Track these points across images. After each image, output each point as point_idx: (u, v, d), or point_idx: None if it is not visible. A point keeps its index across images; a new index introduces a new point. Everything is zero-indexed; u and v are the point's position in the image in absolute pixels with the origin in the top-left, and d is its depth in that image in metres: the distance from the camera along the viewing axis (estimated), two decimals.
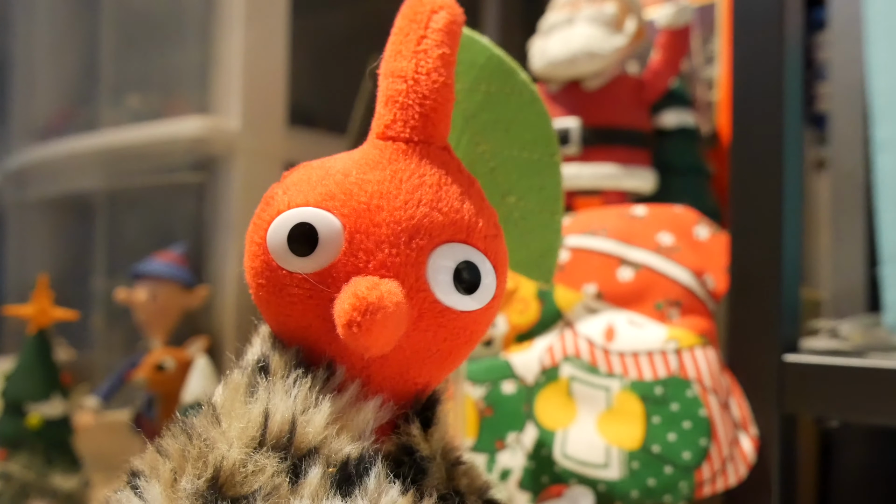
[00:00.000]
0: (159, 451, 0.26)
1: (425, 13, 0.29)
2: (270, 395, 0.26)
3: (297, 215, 0.26)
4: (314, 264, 0.26)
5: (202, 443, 0.25)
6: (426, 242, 0.27)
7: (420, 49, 0.28)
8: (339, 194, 0.27)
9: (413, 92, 0.28)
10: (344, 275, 0.26)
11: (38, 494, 0.65)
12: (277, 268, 0.27)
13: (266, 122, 0.91)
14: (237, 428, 0.25)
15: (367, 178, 0.27)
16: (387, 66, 0.29)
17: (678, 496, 0.47)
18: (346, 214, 0.26)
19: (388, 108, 0.28)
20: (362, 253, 0.26)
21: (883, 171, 0.52)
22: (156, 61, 1.02)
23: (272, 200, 0.28)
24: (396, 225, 0.26)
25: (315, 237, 0.26)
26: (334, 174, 0.27)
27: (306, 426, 0.25)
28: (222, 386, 0.27)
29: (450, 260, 0.27)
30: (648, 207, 0.56)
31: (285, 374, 0.27)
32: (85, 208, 1.09)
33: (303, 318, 0.27)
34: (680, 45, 0.63)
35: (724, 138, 0.70)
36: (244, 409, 0.26)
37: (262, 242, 0.27)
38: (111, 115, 1.05)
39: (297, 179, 0.28)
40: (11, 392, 0.67)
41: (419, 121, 0.28)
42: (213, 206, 0.90)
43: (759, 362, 0.49)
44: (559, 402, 0.51)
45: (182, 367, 0.76)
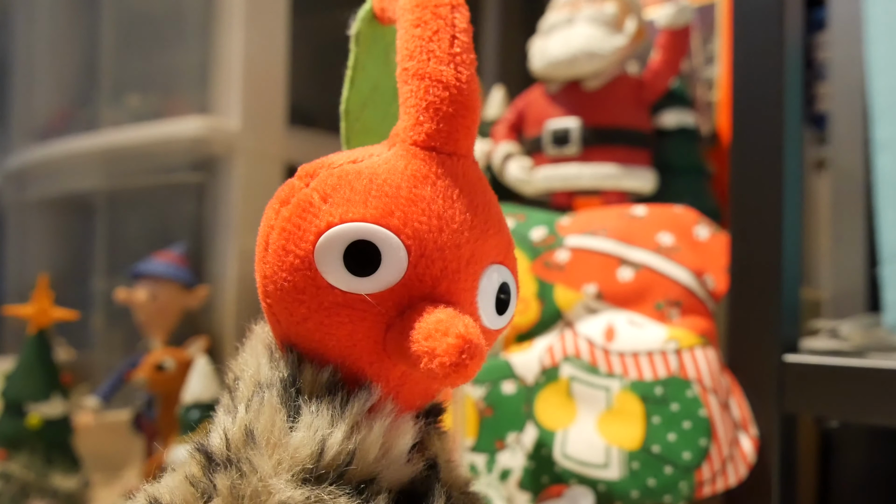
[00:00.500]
0: (194, 483, 0.24)
1: (447, 8, 0.27)
2: (316, 419, 0.24)
3: (355, 231, 0.25)
4: (374, 286, 0.25)
5: (256, 479, 0.23)
6: (479, 267, 0.26)
7: (455, 52, 0.26)
8: (396, 211, 0.25)
9: (457, 102, 0.26)
10: (407, 299, 0.25)
11: (38, 494, 0.65)
12: (327, 286, 0.25)
13: (266, 122, 0.91)
14: (286, 458, 0.24)
15: (421, 194, 0.25)
16: (419, 66, 0.26)
17: (678, 496, 0.47)
18: (409, 235, 0.25)
19: (431, 116, 0.26)
20: (428, 278, 0.25)
21: (883, 171, 0.52)
22: (156, 61, 1.02)
23: (311, 209, 0.25)
24: (457, 249, 0.25)
25: (376, 256, 0.24)
26: (381, 185, 0.25)
27: (365, 455, 0.24)
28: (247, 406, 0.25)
29: (494, 283, 0.27)
30: (648, 207, 0.56)
31: (322, 394, 0.25)
32: (85, 208, 1.09)
33: (348, 338, 0.25)
34: (680, 45, 0.63)
35: (724, 138, 0.70)
36: (289, 437, 0.24)
37: (307, 257, 0.25)
38: (111, 115, 1.05)
39: (335, 185, 0.26)
40: (11, 392, 0.67)
41: (462, 133, 0.27)
42: (213, 206, 0.90)
43: (759, 362, 0.49)
44: (559, 402, 0.51)
45: (182, 367, 0.76)
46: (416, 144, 0.26)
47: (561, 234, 0.56)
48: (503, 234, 0.28)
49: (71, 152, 1.05)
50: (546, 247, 0.56)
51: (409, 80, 0.27)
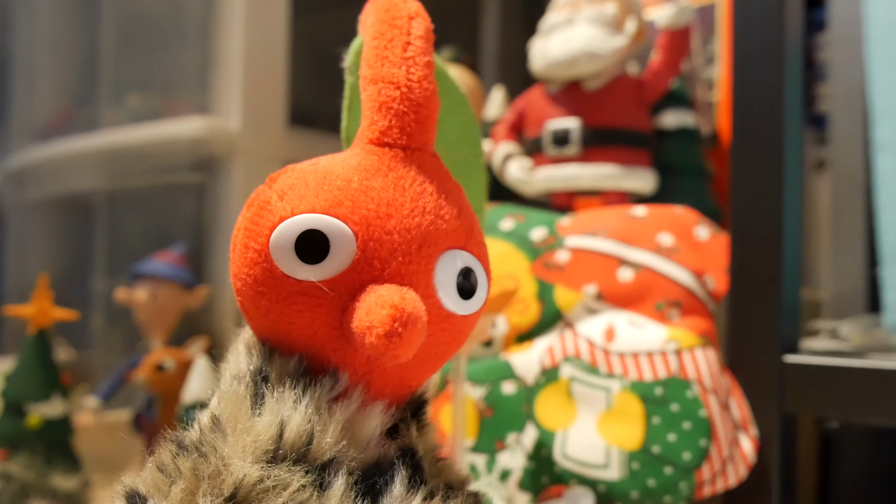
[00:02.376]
0: (162, 469, 0.25)
1: (404, 19, 0.29)
2: (279, 404, 0.25)
3: (304, 222, 0.26)
4: (324, 272, 0.26)
5: (217, 459, 0.24)
6: (433, 250, 0.27)
7: (408, 56, 0.28)
8: (346, 201, 0.26)
9: (407, 99, 0.28)
10: (358, 283, 0.26)
11: (38, 494, 0.65)
12: (283, 276, 0.26)
13: (266, 123, 0.91)
14: (248, 441, 0.25)
15: (371, 184, 0.27)
16: (374, 72, 0.29)
17: (678, 496, 0.47)
18: (357, 222, 0.26)
19: (383, 114, 0.28)
20: (377, 261, 0.26)
21: (883, 172, 0.52)
22: (156, 61, 1.02)
23: (268, 206, 0.27)
24: (407, 233, 0.26)
25: (325, 245, 0.26)
26: (334, 179, 0.27)
27: (323, 436, 0.25)
28: (219, 398, 0.27)
29: (453, 267, 0.28)
30: (648, 208, 0.56)
31: (290, 382, 0.26)
32: (85, 208, 1.09)
33: (308, 326, 0.27)
34: (680, 45, 0.63)
35: (724, 138, 0.70)
36: (252, 421, 0.25)
37: (263, 249, 0.26)
38: (111, 115, 1.05)
39: (292, 184, 0.27)
40: (11, 392, 0.67)
41: (415, 128, 0.28)
42: (213, 206, 0.90)
43: (759, 363, 0.49)
44: (559, 402, 0.51)
45: (182, 368, 0.76)
46: (371, 142, 0.28)
47: (561, 234, 0.56)
48: (463, 220, 0.29)
49: (71, 152, 1.05)
50: (546, 247, 0.56)
51: (366, 87, 0.29)
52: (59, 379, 0.68)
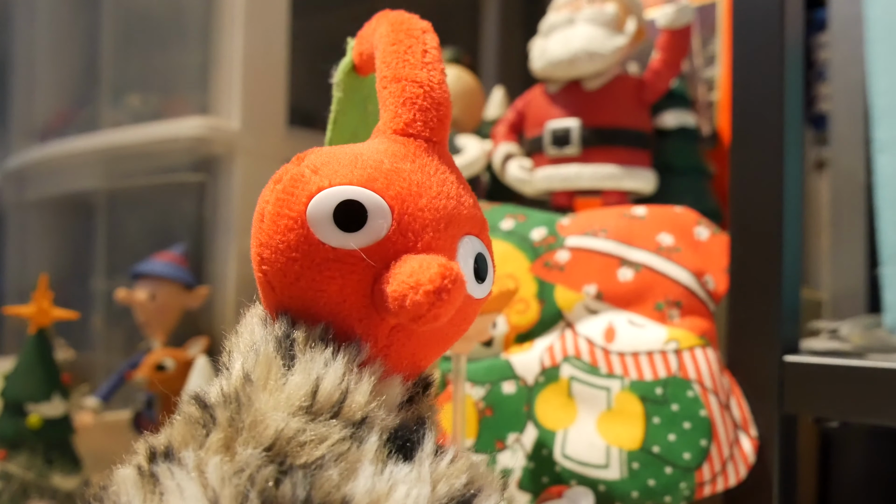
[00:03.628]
0: (193, 421, 0.25)
1: (418, 31, 0.32)
2: (311, 364, 0.26)
3: (343, 192, 0.27)
4: (361, 241, 0.27)
5: (254, 411, 0.24)
6: (457, 231, 0.29)
7: (427, 62, 0.31)
8: (380, 178, 0.28)
9: (430, 97, 0.30)
10: (393, 252, 0.27)
11: (38, 494, 0.65)
12: (318, 242, 0.27)
13: (266, 123, 0.91)
14: (282, 397, 0.25)
15: (401, 167, 0.28)
16: (395, 71, 0.31)
17: (678, 496, 0.47)
18: (392, 196, 0.27)
19: (408, 108, 0.30)
20: (411, 233, 0.27)
21: (883, 172, 0.52)
22: (156, 61, 1.02)
23: (302, 178, 0.28)
24: (436, 212, 0.28)
25: (363, 215, 0.27)
26: (366, 160, 0.28)
27: (355, 395, 0.26)
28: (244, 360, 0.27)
29: (470, 250, 0.29)
30: (648, 208, 0.56)
31: (318, 346, 0.27)
32: (85, 208, 1.09)
33: (339, 293, 0.27)
34: (680, 45, 0.63)
35: (724, 138, 0.70)
36: (285, 378, 0.26)
37: (300, 217, 0.27)
38: (111, 115, 1.05)
39: (325, 161, 0.28)
40: (11, 392, 0.67)
41: (436, 124, 0.30)
42: (213, 206, 0.90)
43: (759, 363, 0.49)
44: (559, 402, 0.51)
45: (182, 367, 0.76)
46: (395, 132, 0.30)
47: (561, 234, 0.56)
48: (477, 211, 0.31)
49: (71, 152, 1.05)
50: (546, 247, 0.56)
51: (388, 84, 0.31)
52: (60, 379, 0.68)
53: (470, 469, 0.26)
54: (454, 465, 0.26)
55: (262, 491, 0.23)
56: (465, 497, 0.25)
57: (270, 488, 0.23)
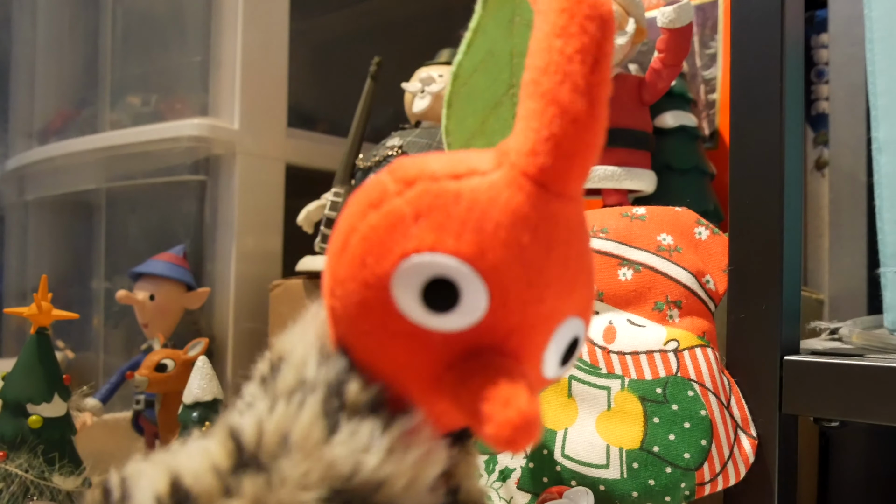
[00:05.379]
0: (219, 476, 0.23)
1: (596, 25, 0.23)
2: (355, 438, 0.23)
3: (441, 267, 0.23)
4: (446, 324, 0.23)
5: (284, 492, 0.23)
6: (556, 323, 0.24)
7: (595, 81, 0.23)
8: (489, 253, 0.23)
9: (582, 139, 0.23)
10: (475, 344, 0.23)
11: (38, 494, 0.65)
12: (397, 313, 0.23)
13: (266, 123, 0.91)
14: (316, 473, 0.23)
15: (520, 239, 0.23)
16: (549, 87, 0.23)
17: (678, 496, 0.47)
18: (495, 283, 0.23)
19: (550, 150, 0.23)
20: (502, 330, 0.23)
21: (883, 172, 0.52)
22: (156, 61, 1.02)
23: (401, 223, 0.23)
24: (539, 304, 0.23)
25: (455, 295, 0.23)
26: (480, 219, 0.23)
27: (392, 485, 0.23)
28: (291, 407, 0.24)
29: (566, 338, 0.25)
30: (648, 208, 0.56)
31: (364, 411, 0.24)
32: (85, 208, 1.09)
33: (405, 364, 0.24)
34: (681, 45, 0.63)
35: (724, 138, 0.70)
36: (323, 450, 0.23)
37: (385, 276, 0.23)
38: (111, 115, 1.05)
39: (433, 204, 0.23)
40: (11, 392, 0.67)
41: (577, 175, 0.24)
42: (213, 206, 0.90)
43: (759, 363, 0.49)
44: (559, 402, 0.51)
45: (182, 368, 0.76)
46: (525, 175, 0.23)
47: None
48: (589, 288, 0.26)
49: (71, 152, 1.05)
50: None
51: (536, 98, 0.23)
52: (60, 379, 0.68)
53: None
54: None
55: None
56: None
57: None
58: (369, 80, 0.83)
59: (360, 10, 1.07)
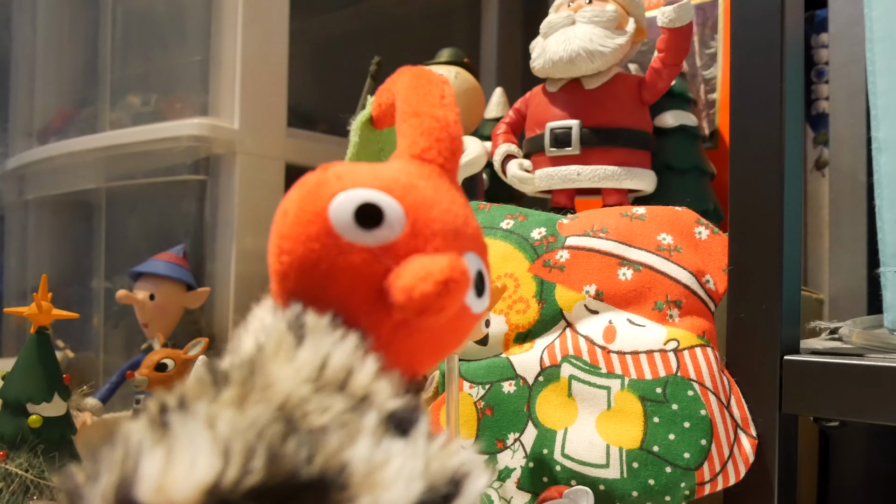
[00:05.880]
0: (206, 381, 0.27)
1: (437, 82, 0.36)
2: (321, 343, 0.28)
3: (364, 195, 0.30)
4: (376, 239, 0.29)
5: (266, 374, 0.26)
6: (462, 245, 0.31)
7: (445, 103, 0.35)
8: (396, 188, 0.31)
9: (446, 132, 0.34)
10: (404, 252, 0.29)
11: (38, 494, 0.65)
12: (337, 235, 0.29)
13: (266, 123, 0.91)
14: (290, 369, 0.27)
15: (416, 182, 0.31)
16: (416, 108, 0.34)
17: (678, 496, 0.47)
18: (407, 204, 0.30)
19: (426, 137, 0.34)
20: (421, 238, 0.30)
21: (883, 172, 0.52)
22: (156, 61, 1.02)
23: (327, 182, 0.31)
24: (445, 224, 0.31)
25: (379, 217, 0.29)
26: (384, 173, 0.31)
27: (359, 375, 0.27)
28: (262, 335, 0.29)
29: (473, 265, 0.31)
30: (648, 208, 0.56)
31: (327, 330, 0.28)
32: (85, 208, 1.09)
33: (349, 284, 0.29)
34: (681, 44, 0.63)
35: (724, 138, 0.70)
36: (295, 353, 0.27)
37: (322, 212, 0.30)
38: (111, 114, 1.05)
39: (348, 171, 0.31)
40: (11, 392, 0.67)
41: (449, 154, 0.34)
42: (213, 206, 0.90)
43: (759, 362, 0.49)
44: (559, 401, 0.51)
45: (182, 368, 0.76)
46: (412, 156, 0.33)
47: (561, 234, 0.56)
48: (480, 235, 0.33)
49: (71, 152, 1.05)
50: (546, 247, 0.56)
51: (408, 119, 0.34)
52: (60, 379, 0.68)
53: (461, 452, 0.28)
54: (447, 447, 0.28)
55: (270, 446, 0.24)
56: (457, 475, 0.27)
57: (277, 444, 0.24)
58: (369, 80, 0.83)
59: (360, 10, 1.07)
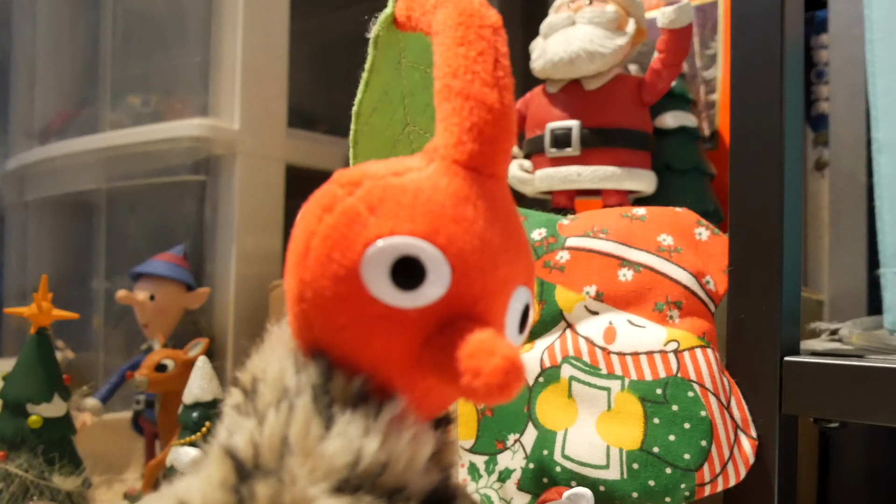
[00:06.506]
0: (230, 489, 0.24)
1: (490, 30, 0.27)
2: (352, 428, 0.24)
3: (404, 246, 0.25)
4: (417, 301, 0.25)
5: (297, 488, 0.23)
6: (511, 289, 0.27)
7: (499, 76, 0.27)
8: (442, 230, 0.25)
9: (500, 126, 0.27)
10: (447, 315, 0.25)
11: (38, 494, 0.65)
12: (370, 298, 0.25)
13: (266, 123, 0.91)
14: (321, 467, 0.24)
15: (464, 214, 0.26)
16: (463, 85, 0.27)
17: (678, 497, 0.47)
18: (454, 254, 0.25)
19: (474, 136, 0.26)
20: (468, 297, 0.25)
21: (883, 172, 0.52)
22: (156, 62, 1.02)
23: (358, 218, 0.25)
24: (495, 270, 0.26)
25: (421, 272, 0.25)
26: (428, 202, 0.26)
27: (395, 464, 0.24)
28: (281, 414, 0.25)
29: (521, 304, 0.28)
30: (648, 208, 0.56)
31: (353, 403, 0.25)
32: (85, 208, 1.09)
33: (385, 348, 0.25)
34: (680, 45, 0.63)
35: (724, 138, 0.70)
36: (323, 446, 0.24)
37: (353, 267, 0.25)
38: (111, 115, 1.05)
39: (382, 197, 0.26)
40: (11, 392, 0.67)
41: (502, 157, 0.27)
42: (213, 206, 0.90)
43: (759, 363, 0.49)
44: (559, 402, 0.51)
45: (182, 368, 0.76)
46: (457, 163, 0.27)
47: (561, 234, 0.56)
48: (530, 257, 0.29)
49: (71, 152, 1.05)
50: (546, 247, 0.56)
51: (452, 99, 0.27)
52: (60, 379, 0.68)
53: None
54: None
55: None
56: None
57: None
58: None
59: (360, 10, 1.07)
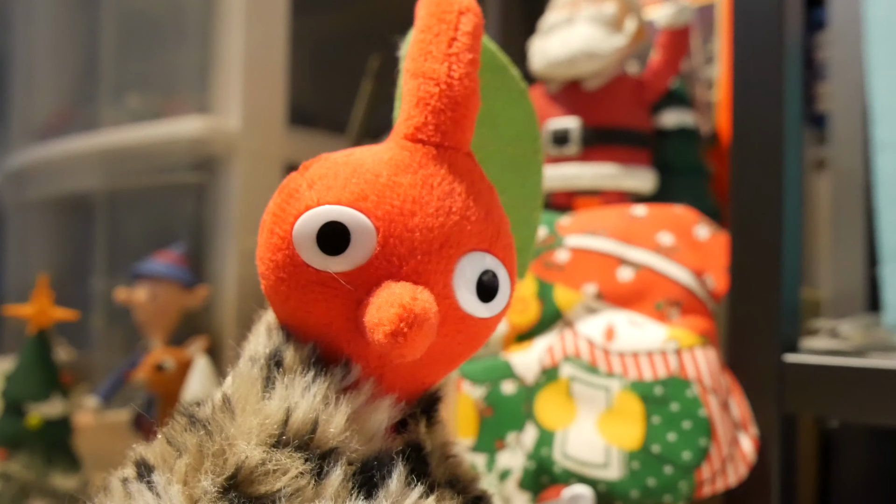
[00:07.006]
0: (171, 442, 0.26)
1: (453, 14, 0.29)
2: (289, 390, 0.26)
3: (328, 213, 0.26)
4: (344, 264, 0.26)
5: (222, 438, 0.25)
6: (455, 251, 0.27)
7: (452, 52, 0.28)
8: (371, 195, 0.26)
9: (446, 97, 0.28)
10: (375, 278, 0.26)
11: (38, 494, 0.65)
12: (303, 264, 0.26)
13: (266, 122, 0.91)
14: (255, 424, 0.25)
15: (399, 180, 0.27)
16: (416, 66, 0.28)
17: (678, 496, 0.47)
18: (379, 217, 0.26)
19: (420, 110, 0.28)
20: (395, 258, 0.26)
21: (883, 172, 0.52)
22: (156, 61, 1.02)
23: (296, 194, 0.27)
24: (429, 232, 0.26)
25: (347, 237, 0.26)
26: (364, 173, 0.27)
27: (327, 425, 0.25)
28: (233, 377, 0.27)
29: (474, 269, 0.28)
30: (648, 207, 0.56)
31: (302, 369, 0.26)
32: (85, 208, 1.09)
33: (324, 315, 0.27)
34: (680, 45, 0.63)
35: (724, 138, 0.70)
36: (261, 405, 0.25)
37: (287, 236, 0.26)
38: (111, 115, 1.05)
39: (324, 174, 0.27)
40: (11, 392, 0.67)
41: (450, 126, 0.28)
42: (213, 206, 0.90)
43: (759, 362, 0.49)
44: (559, 402, 0.51)
45: (182, 367, 0.76)
46: (405, 137, 0.28)
47: (561, 233, 0.56)
48: (490, 223, 0.28)
49: (71, 152, 1.05)
50: (546, 247, 0.56)
51: (407, 80, 0.29)
52: (59, 379, 0.69)
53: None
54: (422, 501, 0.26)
55: None
56: None
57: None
58: (368, 79, 0.83)
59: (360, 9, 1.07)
